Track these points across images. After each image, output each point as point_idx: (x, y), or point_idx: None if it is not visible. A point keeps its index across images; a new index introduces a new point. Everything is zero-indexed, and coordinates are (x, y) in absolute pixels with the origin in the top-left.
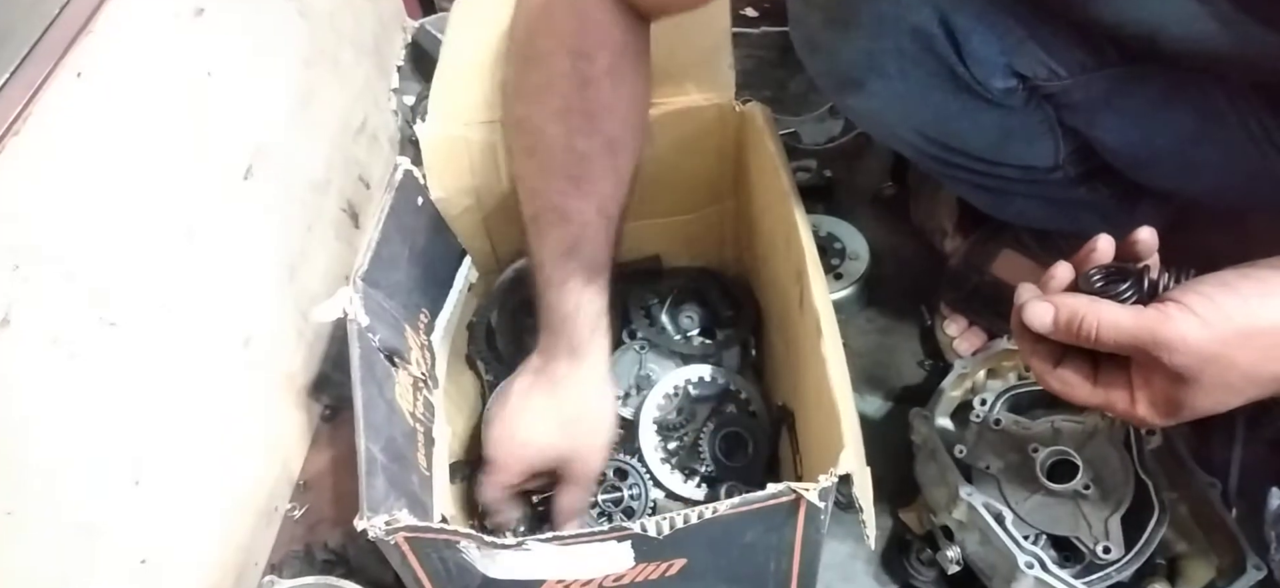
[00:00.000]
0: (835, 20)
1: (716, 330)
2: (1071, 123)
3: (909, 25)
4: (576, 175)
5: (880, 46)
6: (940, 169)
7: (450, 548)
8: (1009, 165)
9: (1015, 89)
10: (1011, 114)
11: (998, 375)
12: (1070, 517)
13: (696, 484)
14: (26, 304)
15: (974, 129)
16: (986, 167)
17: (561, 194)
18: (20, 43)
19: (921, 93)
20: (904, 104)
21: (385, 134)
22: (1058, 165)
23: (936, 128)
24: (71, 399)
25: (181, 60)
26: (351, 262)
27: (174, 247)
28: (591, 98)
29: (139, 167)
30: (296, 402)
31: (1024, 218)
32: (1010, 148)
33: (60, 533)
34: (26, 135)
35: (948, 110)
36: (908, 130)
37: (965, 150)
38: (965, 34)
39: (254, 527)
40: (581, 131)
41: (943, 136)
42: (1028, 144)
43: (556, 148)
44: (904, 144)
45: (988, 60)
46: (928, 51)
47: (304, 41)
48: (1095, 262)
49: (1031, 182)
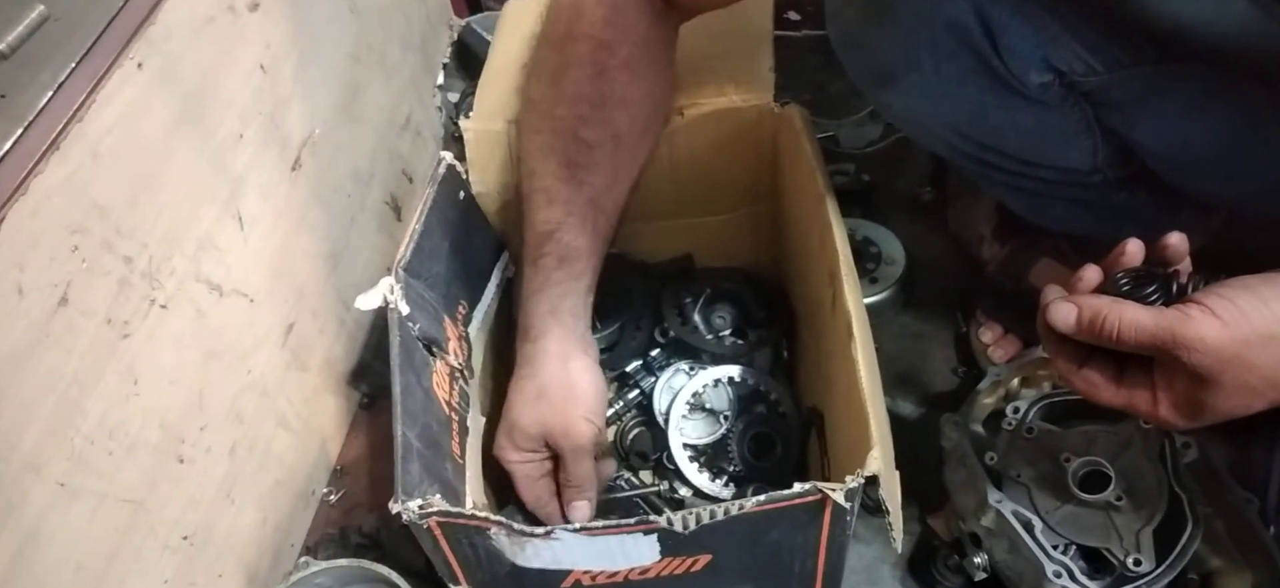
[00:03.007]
0: (871, 14)
1: (749, 331)
2: (1109, 122)
3: (945, 18)
4: (575, 162)
5: (916, 40)
6: (977, 169)
7: (481, 535)
8: (1046, 167)
9: (1051, 84)
10: (1048, 111)
11: (1032, 384)
12: (1101, 528)
13: (724, 484)
14: (83, 285)
15: (1010, 126)
16: (1023, 167)
17: (556, 177)
18: (86, 34)
19: (957, 88)
20: (940, 100)
21: (429, 130)
22: (1096, 169)
23: (972, 125)
24: (123, 378)
25: (236, 53)
26: (393, 254)
27: (224, 233)
28: (605, 89)
29: (193, 155)
30: (336, 389)
31: (1063, 224)
32: (1047, 147)
33: (108, 507)
34: (89, 122)
35: (984, 106)
36: (944, 128)
37: (1002, 149)
38: (1001, 27)
39: (292, 509)
40: (589, 121)
41: (979, 134)
42: (1065, 144)
43: (561, 131)
44: (940, 142)
45: (1024, 54)
46: (963, 45)
47: (353, 37)
48: (1125, 265)
49: (1070, 185)
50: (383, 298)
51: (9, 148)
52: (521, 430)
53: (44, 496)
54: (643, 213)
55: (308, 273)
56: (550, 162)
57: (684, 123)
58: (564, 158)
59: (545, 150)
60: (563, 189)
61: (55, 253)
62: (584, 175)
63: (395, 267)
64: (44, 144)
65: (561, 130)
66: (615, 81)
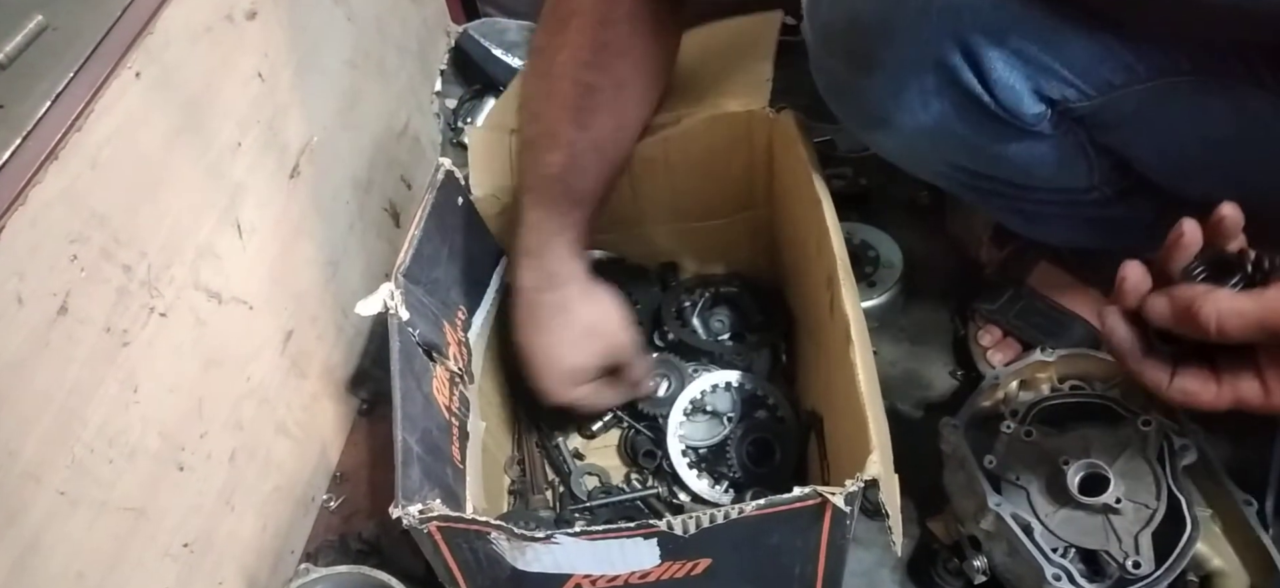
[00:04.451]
0: (857, 63)
1: (747, 335)
2: (1104, 142)
3: (932, 60)
4: (579, 105)
5: (904, 85)
6: (974, 196)
7: (481, 539)
8: (1043, 190)
9: (1045, 114)
10: (1042, 141)
11: (1031, 387)
12: (1100, 530)
13: (723, 489)
14: (83, 294)
15: (1004, 158)
16: (1020, 192)
17: (560, 120)
18: (84, 44)
19: (949, 126)
20: (932, 139)
21: (427, 136)
22: (1093, 186)
23: (967, 158)
24: (123, 386)
25: (234, 62)
26: (391, 260)
27: (223, 241)
28: (609, 37)
29: (192, 164)
30: (336, 395)
31: (1062, 239)
32: (1042, 173)
33: (109, 515)
34: (87, 132)
35: (976, 142)
36: (938, 163)
37: (997, 176)
38: (990, 62)
39: (292, 516)
40: (592, 66)
41: (973, 165)
42: (1060, 169)
43: (565, 75)
44: (935, 175)
45: (1014, 86)
46: (952, 84)
47: (351, 45)
48: (1184, 251)
49: (1068, 204)
50: (382, 304)
51: (8, 158)
52: (580, 369)
53: (45, 504)
54: (641, 218)
55: (307, 280)
56: (554, 105)
57: (681, 128)
58: (567, 101)
59: (548, 94)
60: (568, 131)
61: (54, 262)
62: (588, 119)
63: (395, 272)
64: (43, 153)
65: (564, 75)
66: (619, 30)
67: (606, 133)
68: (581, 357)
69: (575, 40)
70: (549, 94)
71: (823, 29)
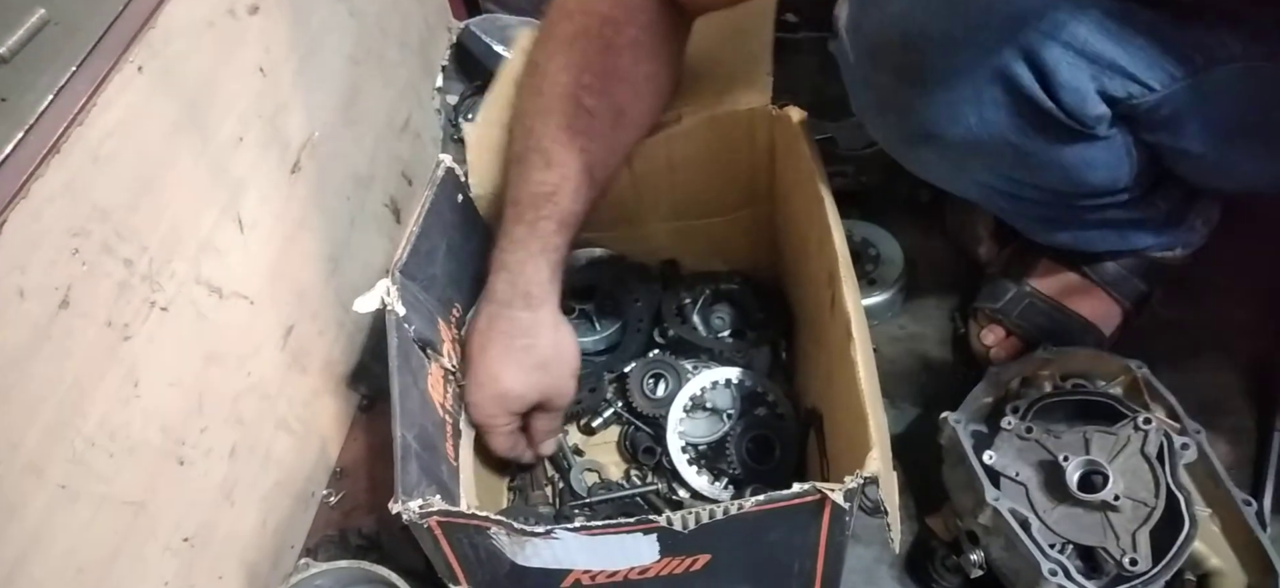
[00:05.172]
0: (909, 78)
1: (748, 332)
2: (1152, 140)
3: (991, 69)
4: (574, 128)
5: (961, 96)
6: (1007, 206)
7: (481, 534)
8: (1079, 195)
9: (1106, 115)
10: (1095, 144)
11: (1031, 384)
12: (1098, 527)
13: (723, 486)
14: (84, 288)
15: (1054, 165)
16: (1054, 198)
17: (554, 141)
18: (86, 38)
19: (1002, 136)
20: (981, 151)
21: (428, 132)
22: (1126, 187)
23: (1014, 167)
24: (123, 380)
25: (236, 57)
26: (392, 256)
27: (224, 236)
28: (610, 63)
29: (193, 158)
30: (335, 391)
31: (1072, 241)
32: (1089, 178)
33: (109, 509)
34: (89, 126)
35: (1028, 150)
36: (982, 174)
37: (1039, 185)
38: (1054, 65)
39: (292, 511)
40: (592, 90)
41: (1019, 175)
42: (1107, 171)
43: (563, 96)
44: (972, 188)
45: (1079, 89)
46: (1011, 93)
47: (352, 40)
48: None
49: (1096, 208)
50: (380, 300)
51: (10, 151)
52: (518, 397)
53: (45, 497)
54: (642, 215)
55: (308, 275)
56: (550, 124)
57: (682, 126)
58: (564, 122)
59: (545, 112)
60: (561, 152)
61: (56, 256)
62: (584, 142)
63: (392, 268)
64: (45, 148)
65: (564, 95)
66: (621, 57)
67: (599, 157)
68: (522, 387)
69: (577, 62)
70: (545, 112)
71: (870, 44)
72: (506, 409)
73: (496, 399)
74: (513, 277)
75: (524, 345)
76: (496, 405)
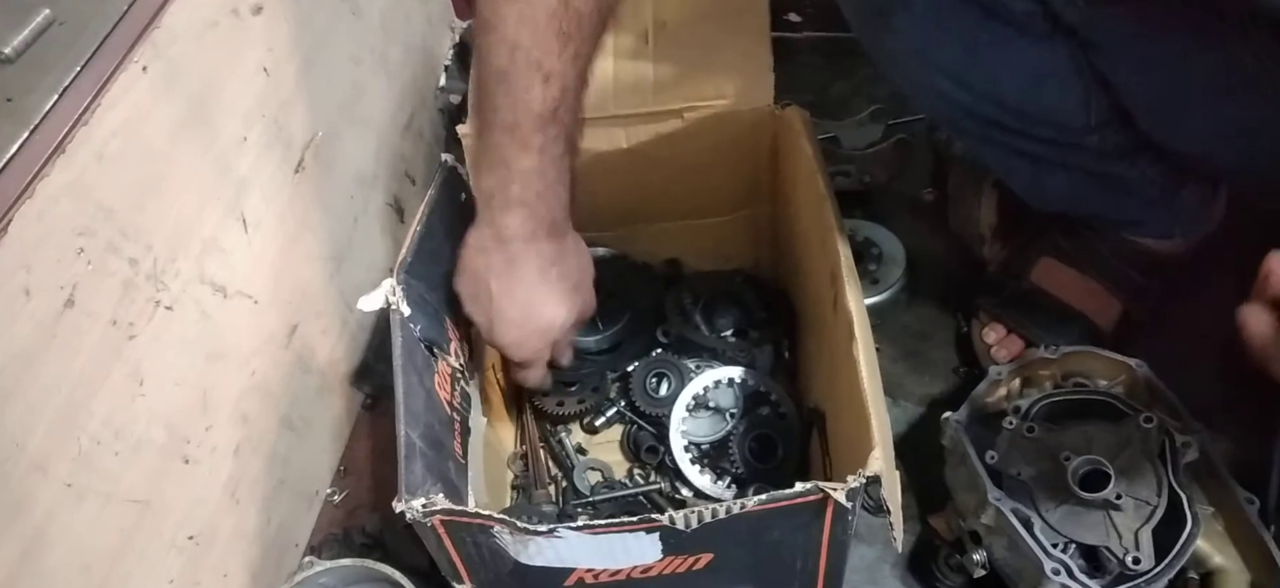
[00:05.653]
0: None
1: (750, 332)
2: (1099, 66)
3: None
4: (567, 32)
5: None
6: (973, 126)
7: (485, 533)
8: (1041, 122)
9: (1036, 13)
10: (1038, 46)
11: (1033, 384)
12: (1100, 526)
13: (726, 485)
14: (89, 287)
15: (1003, 67)
16: (1019, 122)
17: (546, 51)
18: (91, 38)
19: (948, 24)
20: (933, 39)
21: (431, 131)
22: (1090, 127)
23: (965, 65)
24: (128, 379)
25: (240, 56)
26: (395, 255)
27: (229, 236)
28: None
29: (198, 158)
30: (339, 390)
31: (1065, 198)
32: (1040, 94)
33: (114, 507)
34: (94, 126)
35: (976, 43)
36: (937, 72)
37: (997, 100)
38: None
39: (295, 509)
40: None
41: (970, 77)
42: (1058, 90)
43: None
44: (934, 93)
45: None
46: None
47: (355, 39)
48: None
49: (1067, 146)
50: (384, 299)
51: (15, 151)
52: (562, 326)
53: (50, 496)
54: (644, 214)
55: (311, 274)
56: (537, 32)
57: (685, 125)
58: (554, 29)
59: (528, 19)
60: (556, 63)
61: (61, 255)
62: (577, 48)
63: (397, 268)
64: (50, 147)
65: None
66: None
67: (589, 57)
68: (563, 312)
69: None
70: (529, 19)
71: None
72: (549, 340)
73: (540, 333)
74: (532, 210)
75: (558, 274)
76: (541, 339)
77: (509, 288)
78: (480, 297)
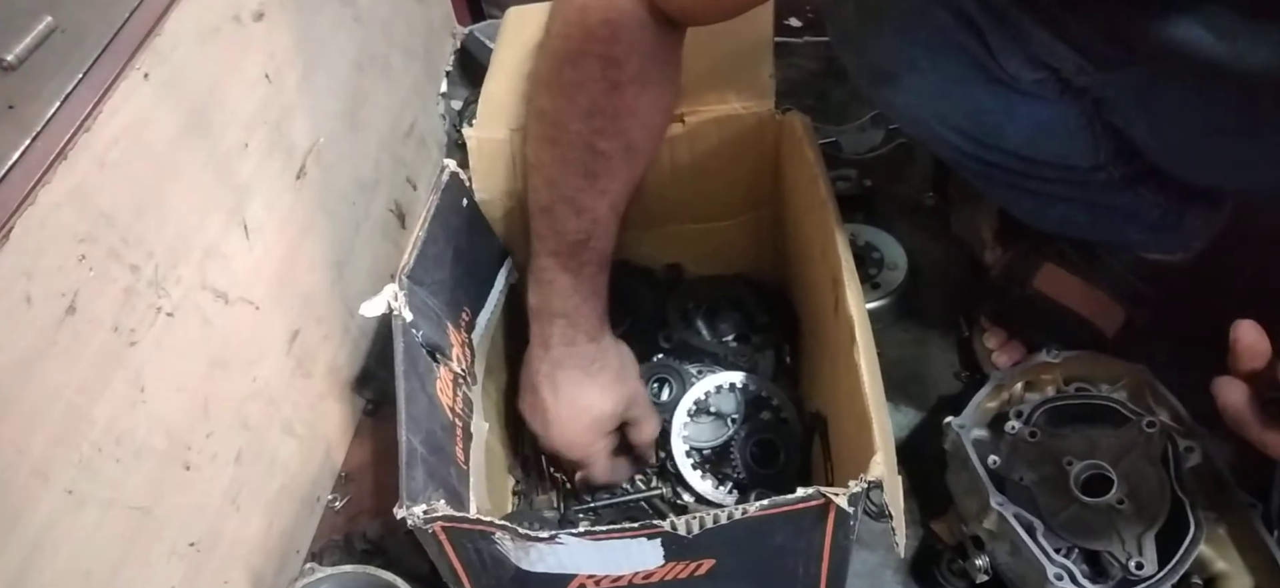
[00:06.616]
0: (867, 15)
1: (752, 337)
2: (1109, 118)
3: (935, 21)
4: (594, 172)
5: (912, 39)
6: (978, 169)
7: (485, 539)
8: (1048, 164)
9: (1046, 80)
10: (1046, 106)
11: (1035, 388)
12: (1104, 531)
13: (728, 491)
14: (90, 294)
15: (1010, 123)
16: (1025, 165)
17: (578, 188)
18: (93, 45)
19: (954, 85)
20: (938, 97)
21: (433, 137)
22: (1099, 165)
23: (972, 122)
24: (130, 385)
25: (242, 63)
26: (397, 261)
27: (230, 242)
28: (618, 102)
29: (199, 165)
30: (341, 395)
31: (1066, 225)
32: (1049, 144)
33: (115, 514)
34: (96, 133)
35: (982, 104)
36: (945, 127)
37: (1003, 147)
38: (989, 29)
39: (297, 515)
40: (604, 133)
41: (979, 132)
42: (1067, 140)
43: (578, 144)
44: (941, 143)
45: (1013, 54)
46: (957, 44)
47: (357, 46)
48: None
49: (1073, 183)
50: (387, 305)
51: (17, 158)
52: (610, 416)
53: (52, 502)
54: (646, 219)
55: (313, 281)
56: (570, 173)
57: (686, 130)
58: (584, 169)
59: (563, 162)
60: (587, 198)
61: (63, 262)
62: (605, 184)
63: (399, 274)
64: (51, 154)
65: (578, 144)
66: (626, 95)
67: (621, 192)
68: (609, 402)
69: (586, 108)
70: (563, 162)
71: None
72: (602, 432)
73: (591, 427)
74: (571, 320)
75: (598, 368)
76: (592, 433)
77: (556, 389)
78: (537, 406)
